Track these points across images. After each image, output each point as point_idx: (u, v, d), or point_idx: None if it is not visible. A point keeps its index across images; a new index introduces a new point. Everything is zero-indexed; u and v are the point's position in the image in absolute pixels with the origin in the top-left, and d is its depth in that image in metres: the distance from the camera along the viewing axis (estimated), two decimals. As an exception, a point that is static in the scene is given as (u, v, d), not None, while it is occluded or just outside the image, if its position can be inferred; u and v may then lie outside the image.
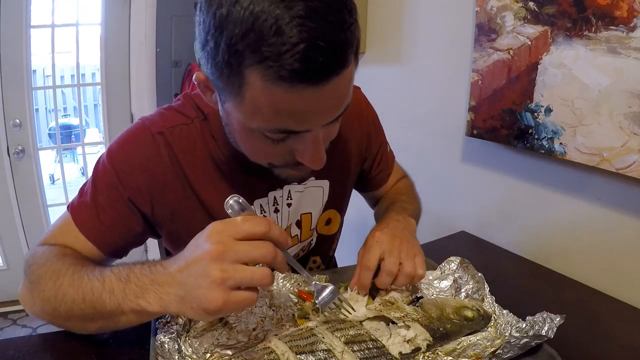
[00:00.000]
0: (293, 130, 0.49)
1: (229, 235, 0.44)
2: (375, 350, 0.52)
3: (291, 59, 0.40)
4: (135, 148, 0.63)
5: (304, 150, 0.52)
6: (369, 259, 0.61)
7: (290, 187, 0.71)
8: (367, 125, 0.81)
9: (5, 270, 2.17)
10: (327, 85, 0.43)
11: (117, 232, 0.62)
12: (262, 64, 0.41)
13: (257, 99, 0.45)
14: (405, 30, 1.35)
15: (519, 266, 0.98)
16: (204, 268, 0.43)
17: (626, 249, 0.87)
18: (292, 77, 0.41)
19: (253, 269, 0.44)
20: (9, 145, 2.02)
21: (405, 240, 0.64)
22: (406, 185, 0.92)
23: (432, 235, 1.08)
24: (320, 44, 0.40)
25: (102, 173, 0.62)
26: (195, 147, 0.64)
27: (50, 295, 0.53)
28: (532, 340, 0.54)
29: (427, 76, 1.31)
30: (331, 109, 0.48)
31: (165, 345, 0.51)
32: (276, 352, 0.50)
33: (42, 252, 0.59)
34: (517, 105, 0.99)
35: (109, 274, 0.51)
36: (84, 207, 0.62)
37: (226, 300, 0.43)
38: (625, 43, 0.77)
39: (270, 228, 0.45)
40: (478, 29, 1.05)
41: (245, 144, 0.56)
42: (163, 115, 0.65)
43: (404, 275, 0.60)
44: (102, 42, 2.09)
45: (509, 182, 1.10)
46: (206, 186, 0.65)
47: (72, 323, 0.55)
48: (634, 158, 0.79)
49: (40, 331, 2.00)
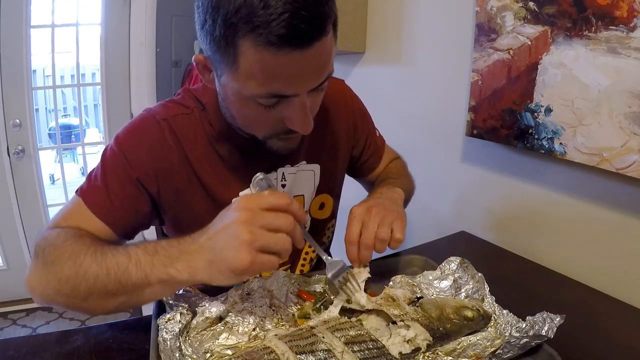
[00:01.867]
0: (283, 94, 0.54)
1: (256, 205, 0.50)
2: (376, 351, 0.52)
3: (277, 26, 0.47)
4: (142, 133, 0.67)
5: (292, 115, 0.57)
6: (350, 234, 0.65)
7: (283, 170, 0.76)
8: (352, 113, 0.87)
9: (5, 270, 2.17)
10: (310, 50, 0.50)
11: (127, 212, 0.65)
12: (253, 32, 0.48)
13: (251, 65, 0.51)
14: (405, 30, 1.36)
15: (519, 266, 0.98)
16: (235, 231, 0.48)
17: (626, 249, 0.87)
18: (279, 41, 0.48)
19: (277, 235, 0.49)
20: (9, 145, 2.02)
21: (382, 208, 0.68)
22: (397, 165, 0.96)
23: (432, 235, 1.08)
24: (303, 13, 0.47)
25: (110, 158, 0.66)
26: (196, 134, 0.70)
27: (69, 274, 0.54)
28: (532, 340, 0.54)
29: (427, 76, 1.31)
30: (315, 73, 0.55)
31: (167, 343, 0.51)
32: (276, 352, 0.50)
33: (57, 234, 0.59)
34: (517, 105, 0.99)
35: (134, 249, 0.54)
36: (95, 190, 0.64)
37: (253, 261, 0.48)
38: (625, 43, 0.77)
39: (292, 203, 0.52)
40: (478, 29, 1.05)
41: (240, 114, 0.61)
42: (165, 106, 0.71)
43: (379, 240, 0.64)
44: (102, 42, 2.09)
45: (509, 182, 1.10)
46: (207, 170, 0.70)
47: (91, 302, 0.55)
48: (634, 158, 0.79)
49: (40, 331, 2.00)
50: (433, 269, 0.73)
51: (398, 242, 0.65)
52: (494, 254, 1.05)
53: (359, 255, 0.65)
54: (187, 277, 0.51)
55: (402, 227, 0.66)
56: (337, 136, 0.84)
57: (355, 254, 0.65)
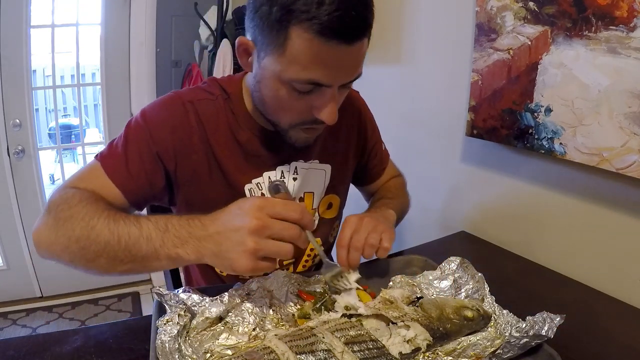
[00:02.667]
0: (320, 83, 0.59)
1: (267, 213, 0.52)
2: (376, 351, 0.52)
3: (330, 19, 0.53)
4: (167, 110, 0.71)
5: (322, 105, 0.62)
6: (341, 238, 0.69)
7: (297, 164, 0.79)
8: (364, 122, 0.92)
9: (5, 270, 2.17)
10: (352, 47, 0.57)
11: (142, 183, 0.68)
12: (309, 21, 0.53)
13: (298, 51, 0.56)
14: (406, 31, 1.36)
15: (519, 266, 0.98)
16: (242, 238, 0.51)
17: (626, 249, 0.87)
18: (330, 33, 0.54)
19: (280, 244, 0.52)
20: (9, 145, 2.02)
21: (374, 220, 0.72)
22: (396, 184, 1.01)
23: (432, 235, 1.09)
24: (352, 13, 0.54)
25: (134, 129, 0.69)
26: (219, 119, 0.73)
27: (80, 235, 0.56)
28: (532, 340, 0.54)
29: (427, 76, 1.31)
30: (351, 69, 0.61)
31: (165, 345, 0.51)
32: (276, 352, 0.50)
33: (73, 194, 0.61)
34: (517, 105, 0.99)
35: (146, 222, 0.56)
36: (114, 156, 0.67)
37: (254, 267, 0.51)
38: (625, 43, 0.77)
39: (302, 216, 0.54)
40: (478, 29, 1.05)
41: (273, 97, 0.64)
42: (192, 90, 0.75)
43: (368, 245, 0.68)
44: (102, 42, 2.09)
45: (509, 182, 1.10)
46: (226, 154, 0.74)
47: (98, 263, 0.57)
48: (634, 158, 0.79)
49: (40, 331, 2.00)
50: (433, 269, 0.73)
51: (385, 250, 0.70)
52: (494, 254, 1.05)
53: (348, 256, 0.68)
54: (194, 259, 0.54)
55: (391, 238, 0.71)
56: (348, 141, 0.88)
57: (344, 256, 0.68)
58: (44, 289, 2.27)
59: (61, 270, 2.40)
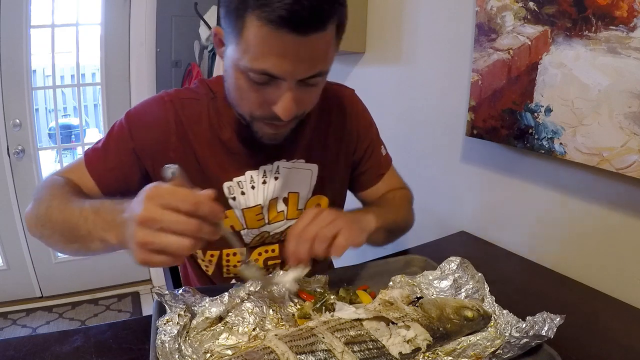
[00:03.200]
0: (271, 74, 0.58)
1: (158, 203, 0.47)
2: (376, 351, 0.52)
3: (281, 8, 0.52)
4: (148, 110, 0.75)
5: (277, 98, 0.61)
6: (293, 228, 0.64)
7: (279, 163, 0.79)
8: (357, 121, 0.88)
9: (5, 270, 2.17)
10: (304, 39, 0.55)
11: (117, 176, 0.73)
12: (260, 8, 0.53)
13: (251, 38, 0.56)
14: (405, 30, 1.36)
15: (519, 266, 0.98)
16: (132, 230, 0.47)
17: (626, 249, 0.87)
18: (279, 21, 0.52)
19: (171, 239, 0.47)
20: (9, 145, 2.02)
21: (336, 214, 0.65)
22: (396, 197, 0.90)
23: (432, 235, 1.08)
24: (305, 2, 0.52)
25: (117, 128, 0.74)
26: (201, 118, 0.75)
27: (42, 214, 0.64)
28: (532, 340, 0.54)
29: (427, 76, 1.31)
30: (305, 64, 0.58)
31: (165, 345, 0.51)
32: (276, 352, 0.50)
33: (52, 179, 0.70)
34: (517, 105, 0.99)
35: (87, 205, 0.59)
36: (95, 151, 0.74)
37: (145, 260, 0.48)
38: (625, 43, 0.77)
39: (196, 207, 0.47)
40: (478, 29, 1.05)
41: (233, 87, 0.65)
42: (179, 91, 0.78)
43: (319, 238, 0.61)
44: (102, 42, 2.09)
45: (509, 182, 1.10)
46: (206, 152, 0.75)
47: (54, 239, 0.63)
48: (634, 158, 0.79)
49: (40, 331, 2.00)
50: (433, 269, 0.73)
51: (340, 248, 0.61)
52: (494, 254, 1.05)
53: (296, 247, 0.62)
54: (118, 245, 0.53)
55: (350, 237, 0.62)
56: (339, 141, 0.85)
57: (292, 247, 0.62)
58: (44, 289, 2.27)
59: (61, 270, 2.41)
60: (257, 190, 0.78)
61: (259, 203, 0.78)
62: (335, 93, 0.85)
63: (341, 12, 0.58)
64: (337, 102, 0.85)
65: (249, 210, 0.78)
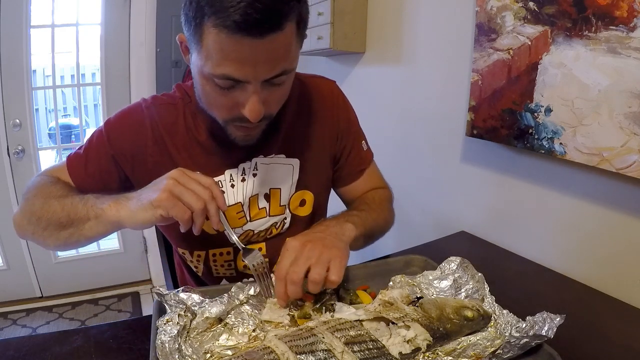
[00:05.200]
0: (234, 78, 0.59)
1: (185, 172, 0.61)
2: (376, 351, 0.52)
3: (234, 12, 0.52)
4: (125, 117, 0.78)
5: (244, 101, 0.62)
6: (279, 269, 0.61)
7: (257, 160, 0.80)
8: (337, 113, 0.87)
9: (5, 270, 2.17)
10: (261, 40, 0.55)
11: (96, 182, 0.76)
12: (214, 15, 0.54)
13: (210, 45, 0.56)
14: (405, 31, 1.36)
15: (519, 266, 0.98)
16: (161, 182, 0.59)
17: (626, 249, 0.87)
18: (234, 26, 0.53)
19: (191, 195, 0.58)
20: (9, 145, 2.02)
21: (320, 244, 0.63)
22: (375, 196, 0.89)
23: (432, 235, 1.09)
24: (258, 5, 0.52)
25: (97, 135, 0.78)
26: (177, 122, 0.78)
27: (37, 208, 0.68)
28: (532, 340, 0.54)
29: (427, 76, 1.31)
30: (266, 65, 0.59)
31: (165, 345, 0.51)
32: (276, 352, 0.50)
33: (41, 178, 0.75)
34: (517, 105, 0.99)
35: (90, 195, 0.66)
36: (77, 156, 0.77)
37: (168, 197, 0.57)
38: (625, 43, 0.77)
39: (213, 184, 0.61)
40: (478, 29, 1.05)
41: (203, 93, 0.66)
42: (156, 97, 0.81)
43: (310, 281, 0.59)
44: (102, 42, 2.09)
45: (509, 182, 1.10)
46: (183, 155, 0.77)
47: (49, 231, 0.67)
48: (634, 158, 0.79)
49: (40, 331, 2.00)
50: (433, 269, 0.73)
51: (333, 283, 0.60)
52: (494, 254, 1.05)
53: (286, 290, 0.59)
54: (114, 212, 0.61)
55: (340, 268, 0.61)
56: (320, 134, 0.84)
57: (282, 290, 0.60)
58: (44, 289, 2.27)
59: (61, 270, 2.40)
60: (237, 189, 0.79)
61: (239, 201, 0.79)
62: (315, 86, 0.85)
63: (299, 8, 0.58)
64: (317, 95, 0.84)
65: (229, 209, 0.79)
